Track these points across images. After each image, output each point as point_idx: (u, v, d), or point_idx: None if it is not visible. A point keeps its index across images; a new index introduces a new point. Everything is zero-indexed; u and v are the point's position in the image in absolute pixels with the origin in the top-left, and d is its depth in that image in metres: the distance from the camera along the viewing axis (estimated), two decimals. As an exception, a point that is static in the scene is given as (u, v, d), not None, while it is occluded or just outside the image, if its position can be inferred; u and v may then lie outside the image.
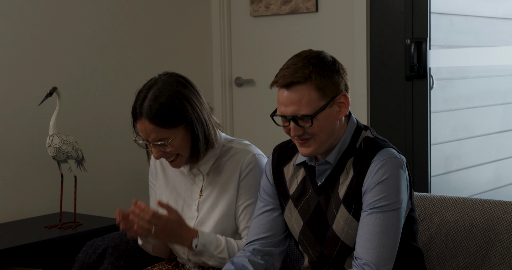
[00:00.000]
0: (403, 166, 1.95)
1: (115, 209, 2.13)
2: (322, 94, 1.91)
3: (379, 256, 1.89)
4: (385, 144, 1.98)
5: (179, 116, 2.09)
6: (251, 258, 2.08)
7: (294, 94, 1.90)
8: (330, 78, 1.92)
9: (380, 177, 1.91)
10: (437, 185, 3.47)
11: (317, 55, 1.94)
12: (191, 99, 2.11)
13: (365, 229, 1.91)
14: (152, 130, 2.09)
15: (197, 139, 2.12)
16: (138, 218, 2.08)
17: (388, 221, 1.90)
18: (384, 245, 1.89)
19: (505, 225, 2.23)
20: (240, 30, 4.04)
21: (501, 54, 3.28)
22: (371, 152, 1.95)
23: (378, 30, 3.52)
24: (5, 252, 2.71)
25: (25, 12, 3.27)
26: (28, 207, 3.29)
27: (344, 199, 1.97)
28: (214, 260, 2.18)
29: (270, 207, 2.13)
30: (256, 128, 3.96)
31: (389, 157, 1.93)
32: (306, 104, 1.90)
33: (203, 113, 2.14)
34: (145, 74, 3.74)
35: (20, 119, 3.26)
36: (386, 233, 1.90)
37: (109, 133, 3.59)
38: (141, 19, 3.76)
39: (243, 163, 2.21)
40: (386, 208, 1.90)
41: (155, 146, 2.13)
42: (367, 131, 2.02)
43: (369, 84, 3.56)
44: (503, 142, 3.68)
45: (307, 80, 1.90)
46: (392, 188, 1.91)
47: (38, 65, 3.32)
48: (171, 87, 2.10)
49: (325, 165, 2.00)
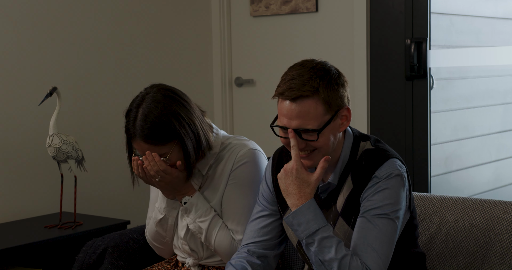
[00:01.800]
0: (404, 179, 1.93)
1: (115, 209, 2.13)
2: (328, 108, 1.87)
3: (373, 260, 1.86)
4: (387, 154, 1.94)
5: (170, 133, 2.10)
6: (248, 259, 2.08)
7: (300, 108, 1.86)
8: (336, 92, 1.88)
9: (378, 188, 1.89)
10: (437, 185, 3.47)
11: (322, 67, 1.89)
12: (179, 114, 2.11)
13: (360, 233, 1.89)
14: (149, 149, 2.12)
15: (188, 155, 2.14)
16: (148, 164, 2.11)
17: (383, 227, 1.88)
18: (377, 250, 1.86)
19: (505, 225, 2.23)
20: (240, 30, 4.04)
21: (501, 54, 3.28)
22: (373, 166, 1.92)
23: (378, 30, 3.52)
24: (5, 252, 2.71)
25: (25, 12, 3.27)
26: (28, 207, 3.29)
27: (343, 212, 1.95)
28: (193, 226, 2.22)
29: (267, 212, 2.12)
30: (256, 128, 3.96)
31: (391, 170, 1.90)
32: (312, 118, 1.86)
33: (192, 127, 2.14)
34: (145, 74, 3.75)
35: (20, 119, 3.26)
36: (380, 238, 1.87)
37: (109, 133, 3.59)
38: (141, 19, 3.76)
39: (237, 155, 2.22)
40: (382, 216, 1.88)
41: None
42: (366, 142, 1.99)
43: (369, 84, 3.56)
44: (503, 142, 3.68)
45: (315, 94, 1.85)
46: (390, 199, 1.89)
47: (38, 65, 3.32)
48: (158, 103, 2.10)
49: (328, 185, 1.99)
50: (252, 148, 2.25)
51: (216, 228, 2.21)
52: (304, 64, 1.91)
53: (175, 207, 2.28)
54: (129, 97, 2.30)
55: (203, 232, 2.21)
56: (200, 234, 2.23)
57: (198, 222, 2.22)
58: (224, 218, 2.24)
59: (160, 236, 2.34)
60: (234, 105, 4.10)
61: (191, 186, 2.23)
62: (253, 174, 2.23)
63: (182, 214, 2.27)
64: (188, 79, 3.97)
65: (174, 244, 2.36)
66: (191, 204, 2.21)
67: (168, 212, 2.29)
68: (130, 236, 2.52)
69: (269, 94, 3.86)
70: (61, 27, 3.40)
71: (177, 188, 2.20)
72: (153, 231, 2.35)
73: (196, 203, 2.21)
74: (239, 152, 2.23)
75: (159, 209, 2.30)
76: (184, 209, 2.22)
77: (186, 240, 2.29)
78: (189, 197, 2.21)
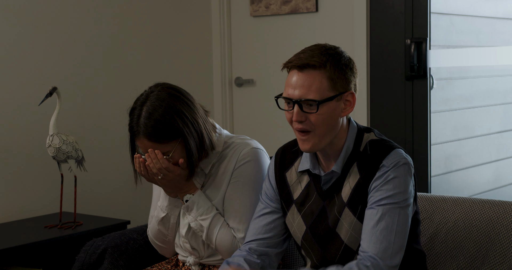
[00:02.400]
0: (411, 168, 1.95)
1: (115, 209, 2.13)
2: (332, 85, 1.90)
3: (385, 250, 1.87)
4: (393, 145, 1.97)
5: (174, 131, 2.11)
6: (246, 257, 2.08)
7: (305, 78, 1.89)
8: (343, 72, 1.91)
9: (387, 177, 1.91)
10: (437, 185, 3.47)
11: (335, 48, 1.95)
12: (183, 113, 2.12)
13: (371, 224, 1.90)
14: (152, 147, 2.13)
15: (191, 154, 2.15)
16: (151, 162, 2.13)
17: (395, 217, 1.89)
18: (390, 240, 1.88)
19: (505, 225, 2.23)
20: (240, 30, 4.04)
21: (501, 54, 3.28)
22: (380, 156, 1.94)
23: (378, 30, 3.52)
24: (5, 252, 2.71)
25: (25, 12, 3.27)
26: (28, 207, 3.29)
27: (349, 202, 1.96)
28: (194, 224, 2.23)
29: (270, 209, 2.13)
30: (256, 128, 3.96)
31: (399, 159, 1.93)
32: (315, 90, 1.88)
33: (195, 126, 2.15)
34: (145, 74, 3.75)
35: (20, 119, 3.26)
36: (392, 228, 1.89)
37: (109, 133, 3.59)
38: (141, 19, 3.76)
39: (240, 154, 2.23)
40: (393, 205, 1.90)
41: None
42: (370, 133, 2.01)
43: (369, 84, 3.56)
44: (503, 142, 3.68)
45: (322, 67, 1.89)
46: (399, 188, 1.91)
47: (38, 65, 3.32)
48: (163, 102, 2.11)
49: (332, 174, 2.00)
50: (255, 147, 2.26)
51: (218, 226, 2.21)
52: (317, 44, 1.96)
53: (177, 205, 2.29)
54: (129, 97, 2.30)
55: (204, 230, 2.22)
56: (201, 232, 2.23)
57: (199, 220, 2.22)
58: (226, 216, 2.25)
59: (162, 234, 2.35)
60: (234, 105, 4.10)
61: (193, 184, 2.24)
62: (256, 173, 2.23)
63: (183, 212, 2.28)
64: (188, 79, 3.97)
65: (175, 243, 2.37)
66: (193, 202, 2.22)
67: (170, 210, 2.29)
68: (130, 236, 2.52)
69: (269, 94, 3.87)
70: (61, 27, 3.40)
71: (179, 186, 2.21)
72: (155, 230, 2.35)
73: (198, 201, 2.22)
74: (242, 151, 2.24)
75: (161, 207, 2.31)
76: (186, 207, 2.23)
77: (187, 238, 2.29)
78: (191, 195, 2.22)
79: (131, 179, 2.30)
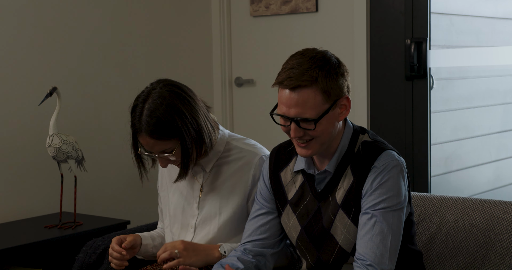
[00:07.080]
0: (403, 169, 1.95)
1: (115, 209, 2.13)
2: (326, 97, 1.88)
3: (382, 255, 1.88)
4: (385, 146, 1.97)
5: (174, 130, 2.11)
6: (240, 257, 2.08)
7: (299, 97, 1.86)
8: (335, 81, 1.89)
9: (380, 180, 1.91)
10: (437, 185, 3.47)
11: (323, 56, 1.90)
12: (183, 113, 2.11)
13: (366, 229, 1.90)
14: (154, 144, 2.12)
15: (187, 154, 2.14)
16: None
17: (389, 221, 1.90)
18: (386, 244, 1.89)
19: (505, 225, 2.23)
20: (240, 30, 4.04)
21: (501, 54, 3.28)
22: (371, 157, 1.94)
23: (378, 30, 3.52)
24: (5, 252, 2.71)
25: (25, 12, 3.27)
26: (28, 207, 3.29)
27: (343, 204, 1.96)
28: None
29: (265, 210, 2.13)
30: (256, 128, 3.96)
31: (390, 160, 1.93)
32: (310, 107, 1.87)
33: (194, 125, 2.14)
34: (145, 74, 3.75)
35: (20, 119, 3.26)
36: (388, 232, 1.89)
37: (109, 133, 3.59)
38: (141, 19, 3.76)
39: (256, 165, 2.23)
40: (387, 209, 1.90)
41: (160, 157, 2.16)
42: (364, 134, 2.01)
43: (369, 84, 3.56)
44: (503, 142, 3.68)
45: (313, 84, 1.86)
46: (392, 191, 1.91)
47: (38, 65, 3.32)
48: (164, 100, 2.10)
49: (325, 173, 2.00)
50: (263, 154, 2.26)
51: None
52: (304, 53, 1.92)
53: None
54: (129, 97, 2.30)
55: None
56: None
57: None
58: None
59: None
60: (234, 105, 4.10)
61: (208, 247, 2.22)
62: None
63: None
64: (188, 79, 3.94)
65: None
66: (229, 249, 2.21)
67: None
68: (130, 236, 2.52)
69: (269, 94, 3.87)
70: (61, 27, 3.40)
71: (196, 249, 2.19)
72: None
73: (229, 248, 2.22)
74: (257, 162, 2.24)
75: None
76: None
77: None
78: (221, 246, 2.21)
79: (131, 179, 2.30)
